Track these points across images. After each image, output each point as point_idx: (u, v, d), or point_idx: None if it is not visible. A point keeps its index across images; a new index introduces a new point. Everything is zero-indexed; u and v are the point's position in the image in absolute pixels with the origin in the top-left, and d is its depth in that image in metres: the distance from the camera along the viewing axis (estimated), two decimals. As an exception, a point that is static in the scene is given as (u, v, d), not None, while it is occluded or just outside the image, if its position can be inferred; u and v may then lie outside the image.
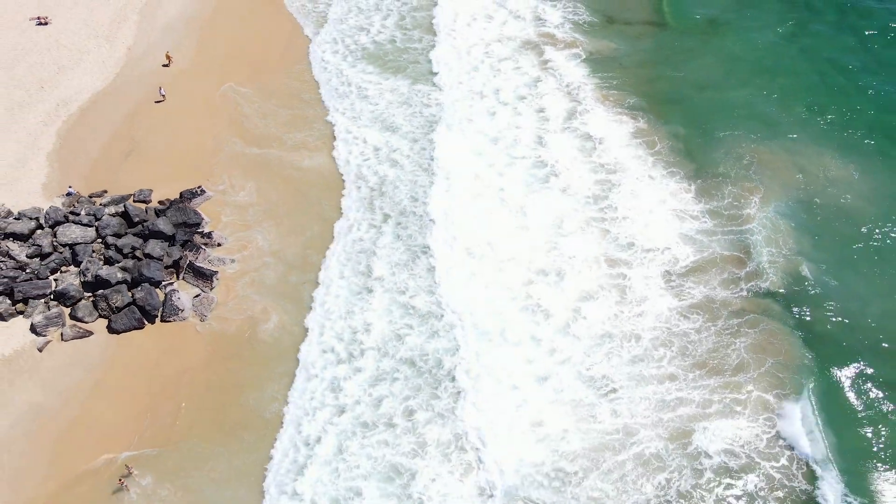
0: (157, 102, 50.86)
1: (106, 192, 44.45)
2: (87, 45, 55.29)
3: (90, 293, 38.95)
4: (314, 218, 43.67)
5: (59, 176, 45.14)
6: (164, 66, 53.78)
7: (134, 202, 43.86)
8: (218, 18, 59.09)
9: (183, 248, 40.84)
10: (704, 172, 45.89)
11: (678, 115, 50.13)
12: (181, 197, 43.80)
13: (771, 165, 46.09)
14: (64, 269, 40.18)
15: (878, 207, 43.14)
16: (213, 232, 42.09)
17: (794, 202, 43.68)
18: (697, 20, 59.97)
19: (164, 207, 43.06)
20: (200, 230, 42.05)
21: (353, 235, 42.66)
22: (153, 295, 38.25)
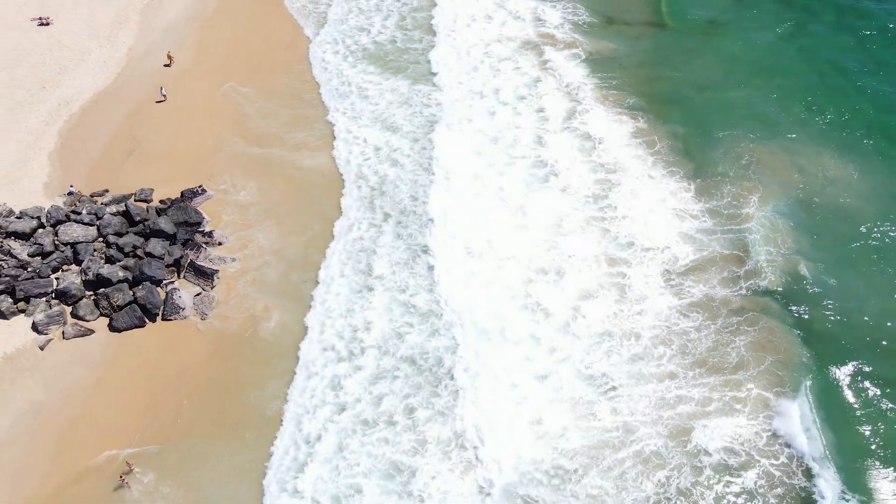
0: (158, 102, 51.00)
1: (107, 191, 44.60)
2: (88, 45, 55.44)
3: (91, 292, 39.08)
4: (315, 217, 43.80)
5: (60, 175, 45.27)
6: (165, 66, 53.95)
7: (135, 201, 44.00)
8: (219, 19, 59.31)
9: (184, 246, 40.97)
10: (704, 172, 46.00)
11: (678, 114, 50.25)
12: (182, 196, 43.96)
13: (770, 165, 46.22)
14: (65, 267, 40.32)
15: (876, 207, 43.24)
16: (214, 231, 42.23)
17: (792, 201, 43.81)
18: (696, 21, 60.14)
19: (165, 206, 43.20)
20: (201, 229, 42.20)
21: (353, 234, 42.78)
22: (154, 293, 38.37)
